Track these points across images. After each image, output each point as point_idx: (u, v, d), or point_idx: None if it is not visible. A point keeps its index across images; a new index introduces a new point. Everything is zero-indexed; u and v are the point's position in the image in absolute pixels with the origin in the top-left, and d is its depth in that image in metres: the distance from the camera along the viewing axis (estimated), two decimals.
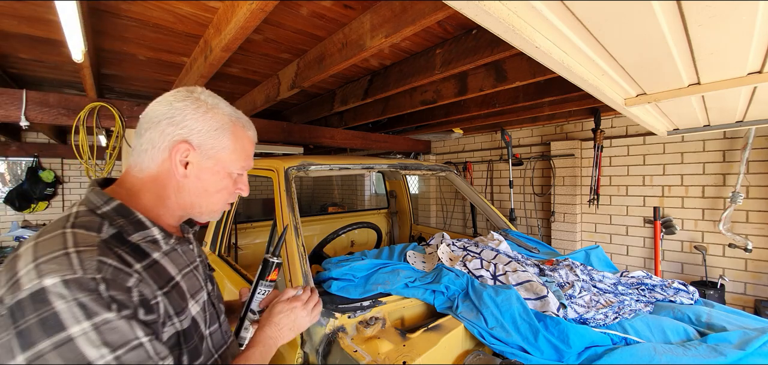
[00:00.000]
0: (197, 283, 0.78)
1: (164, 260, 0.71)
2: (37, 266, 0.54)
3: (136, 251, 0.66)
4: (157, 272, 0.67)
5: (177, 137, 0.71)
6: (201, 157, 0.74)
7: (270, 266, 0.98)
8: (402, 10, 1.66)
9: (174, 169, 0.72)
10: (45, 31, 2.12)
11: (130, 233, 0.68)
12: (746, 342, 1.24)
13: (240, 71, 2.86)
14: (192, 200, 0.77)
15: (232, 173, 0.79)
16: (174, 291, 0.69)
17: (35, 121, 2.45)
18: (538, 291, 1.50)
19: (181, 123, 0.72)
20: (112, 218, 0.67)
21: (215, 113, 0.75)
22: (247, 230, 3.06)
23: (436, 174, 2.67)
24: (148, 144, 0.72)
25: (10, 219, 5.22)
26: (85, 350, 0.52)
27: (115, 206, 0.68)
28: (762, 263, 2.79)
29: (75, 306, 0.53)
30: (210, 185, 0.77)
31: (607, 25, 0.87)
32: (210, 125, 0.74)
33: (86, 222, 0.64)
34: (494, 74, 2.56)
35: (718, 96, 1.47)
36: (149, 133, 0.72)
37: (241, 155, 0.80)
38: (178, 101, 0.73)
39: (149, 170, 0.73)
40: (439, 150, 5.40)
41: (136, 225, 0.69)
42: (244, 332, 0.97)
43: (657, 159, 3.27)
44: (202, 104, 0.74)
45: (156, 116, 0.72)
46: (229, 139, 0.77)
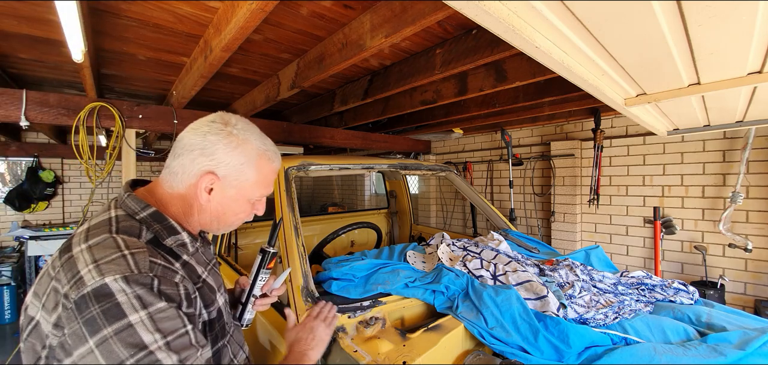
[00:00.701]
0: (219, 278, 0.89)
1: (192, 261, 0.81)
2: (98, 266, 0.63)
3: (171, 253, 0.76)
4: (189, 271, 0.77)
5: (206, 168, 0.78)
6: (225, 186, 0.81)
7: (269, 256, 1.09)
8: (402, 10, 1.66)
9: (198, 194, 0.80)
10: (45, 31, 2.11)
11: (164, 237, 0.77)
12: (746, 342, 1.24)
13: (240, 71, 2.86)
14: (210, 219, 0.85)
15: (250, 199, 0.86)
16: (204, 287, 0.80)
17: (35, 121, 2.45)
18: (538, 291, 1.50)
19: (212, 155, 0.78)
20: (149, 223, 0.76)
21: (244, 148, 0.81)
22: (247, 230, 3.06)
23: (436, 174, 2.67)
24: (180, 168, 0.80)
25: (10, 219, 5.22)
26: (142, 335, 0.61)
27: (151, 213, 0.77)
28: (762, 263, 2.79)
29: (133, 298, 0.62)
30: (229, 210, 0.85)
31: (607, 25, 0.87)
32: (238, 160, 0.80)
33: (128, 227, 0.72)
34: (494, 74, 2.56)
35: (718, 96, 1.47)
36: (182, 158, 0.79)
37: (263, 185, 0.86)
38: (212, 134, 0.79)
39: (178, 190, 0.81)
40: (439, 150, 5.40)
41: (170, 231, 0.78)
42: (248, 314, 1.09)
43: (657, 159, 3.27)
44: (234, 138, 0.80)
45: (191, 144, 0.79)
46: (253, 172, 0.82)
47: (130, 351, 0.59)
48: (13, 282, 4.28)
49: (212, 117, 0.82)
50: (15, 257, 4.57)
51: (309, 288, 1.44)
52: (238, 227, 0.92)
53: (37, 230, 4.74)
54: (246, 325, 1.09)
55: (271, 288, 1.13)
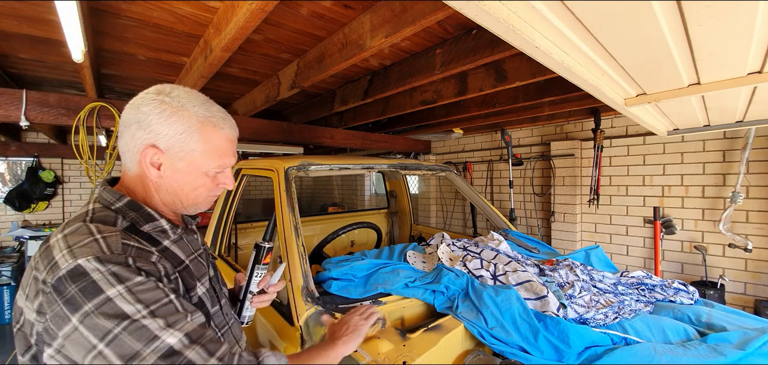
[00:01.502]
0: (202, 267, 0.86)
1: (174, 247, 0.79)
2: (71, 250, 0.63)
3: (149, 239, 0.74)
4: (169, 257, 0.76)
5: (145, 141, 0.74)
6: (172, 159, 0.76)
7: (263, 251, 1.07)
8: (402, 10, 1.66)
9: (147, 171, 0.76)
10: (45, 31, 2.11)
11: (141, 224, 0.75)
12: (746, 342, 1.24)
13: (240, 71, 2.86)
14: (171, 197, 0.81)
15: (207, 172, 0.81)
16: (185, 272, 0.77)
17: (35, 121, 2.45)
18: (538, 291, 1.50)
19: (147, 127, 0.73)
20: (124, 212, 0.75)
21: (181, 115, 0.75)
22: (247, 230, 3.06)
23: (436, 174, 2.67)
24: (125, 147, 0.77)
25: (10, 219, 5.22)
26: (123, 306, 0.60)
27: (126, 202, 0.76)
28: (762, 263, 2.79)
29: (109, 275, 0.61)
30: (185, 185, 0.80)
31: (607, 26, 0.87)
32: (176, 129, 0.74)
33: (103, 217, 0.72)
34: (494, 74, 2.56)
35: (718, 96, 1.47)
36: (123, 137, 0.76)
37: (215, 154, 0.80)
38: (145, 105, 0.74)
39: (133, 171, 0.79)
40: (439, 150, 5.40)
41: (147, 217, 0.77)
42: (247, 311, 1.08)
43: (657, 159, 3.27)
44: (167, 106, 0.74)
45: (127, 120, 0.75)
46: (198, 141, 0.77)
47: (114, 321, 0.58)
48: (13, 282, 4.28)
49: (148, 89, 0.78)
50: (15, 257, 4.57)
51: (309, 288, 1.44)
52: (210, 203, 0.88)
53: (37, 230, 4.74)
54: (246, 322, 1.08)
55: (268, 284, 1.10)
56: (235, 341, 0.93)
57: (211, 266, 0.95)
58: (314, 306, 1.38)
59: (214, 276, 0.95)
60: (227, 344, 0.69)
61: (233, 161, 0.85)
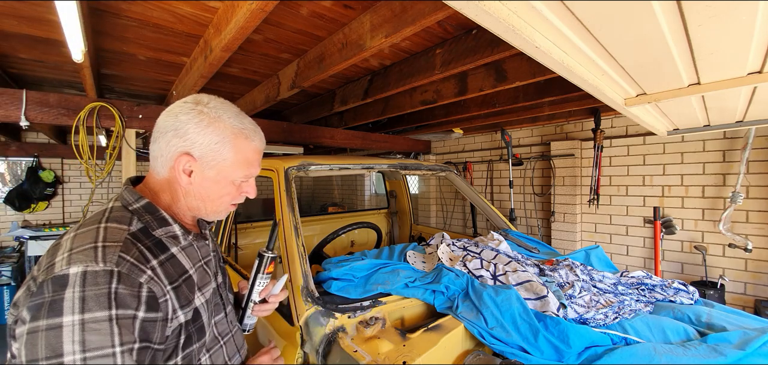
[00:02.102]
0: (207, 276, 0.86)
1: (181, 255, 0.79)
2: (70, 255, 0.64)
3: (157, 245, 0.75)
4: (173, 265, 0.75)
5: (180, 149, 0.77)
6: (203, 167, 0.79)
7: (266, 260, 1.05)
8: (402, 10, 1.66)
9: (179, 177, 0.79)
10: (45, 31, 2.11)
11: (154, 228, 0.76)
12: (746, 342, 1.24)
13: (240, 71, 2.86)
14: (197, 203, 0.83)
15: (234, 181, 0.84)
16: (184, 285, 0.76)
17: (35, 121, 2.45)
18: (538, 291, 1.50)
19: (184, 136, 0.77)
20: (141, 214, 0.77)
21: (217, 126, 0.78)
22: (247, 230, 3.06)
23: (436, 174, 2.67)
24: (158, 153, 0.79)
25: (10, 219, 5.22)
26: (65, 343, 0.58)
27: (144, 204, 0.78)
28: (762, 263, 2.79)
29: (78, 299, 0.60)
30: (213, 193, 0.83)
31: (607, 26, 0.87)
32: (211, 139, 0.78)
33: (119, 217, 0.74)
34: (494, 74, 2.56)
35: (718, 96, 1.47)
36: (158, 143, 0.79)
37: (243, 164, 0.83)
38: (183, 114, 0.77)
39: (163, 175, 0.81)
40: (439, 150, 5.40)
41: (160, 221, 0.78)
42: (248, 319, 1.07)
43: (657, 159, 3.27)
44: (205, 116, 0.78)
45: (164, 127, 0.78)
46: (231, 151, 0.80)
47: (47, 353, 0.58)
48: (13, 282, 4.28)
49: (186, 98, 0.81)
50: (15, 257, 4.57)
51: (309, 288, 1.44)
52: (229, 211, 0.90)
53: (37, 230, 4.74)
54: (247, 330, 1.07)
55: (269, 293, 1.08)
56: (236, 350, 0.94)
57: (220, 272, 0.95)
58: (314, 306, 1.38)
59: (222, 283, 0.95)
60: None
61: (258, 171, 0.89)
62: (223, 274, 0.99)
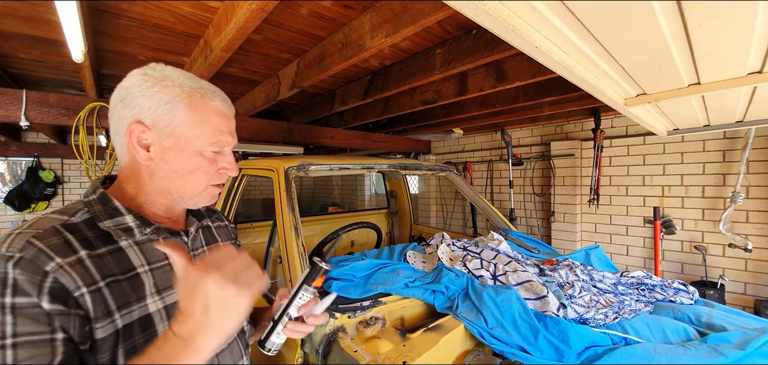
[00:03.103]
0: (172, 279, 0.72)
1: (131, 250, 0.69)
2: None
3: (100, 238, 0.66)
4: (116, 260, 0.66)
5: (129, 118, 0.68)
6: (159, 136, 0.69)
7: (318, 272, 0.86)
8: (402, 10, 1.66)
9: (134, 152, 0.69)
10: (45, 31, 2.11)
11: (102, 219, 0.68)
12: (746, 342, 1.24)
13: (240, 71, 2.86)
14: (166, 184, 0.72)
15: (202, 151, 0.72)
16: (126, 282, 0.66)
17: (35, 121, 2.45)
18: (538, 291, 1.50)
19: (131, 103, 0.68)
20: (92, 204, 0.69)
21: (164, 86, 0.68)
22: (247, 230, 3.06)
23: (436, 174, 2.67)
24: (114, 133, 0.71)
25: (10, 219, 5.22)
26: None
27: (98, 195, 0.71)
28: (762, 263, 2.79)
29: None
30: (178, 167, 0.71)
31: (607, 26, 0.87)
32: (159, 98, 0.68)
33: (68, 207, 0.69)
34: (494, 74, 2.56)
35: (718, 96, 1.47)
36: (112, 121, 0.71)
37: (206, 129, 0.71)
38: (127, 81, 0.69)
39: (124, 159, 0.73)
40: (439, 150, 5.40)
41: (111, 212, 0.69)
42: (276, 337, 0.85)
43: (657, 159, 3.27)
44: (149, 78, 0.68)
45: (113, 102, 0.70)
46: (186, 112, 0.69)
47: None
48: None
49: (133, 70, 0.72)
50: None
51: None
52: (212, 195, 0.77)
53: None
54: (271, 351, 0.86)
55: (309, 311, 0.87)
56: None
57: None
58: None
59: None
60: None
61: (232, 141, 0.76)
62: None
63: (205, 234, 0.87)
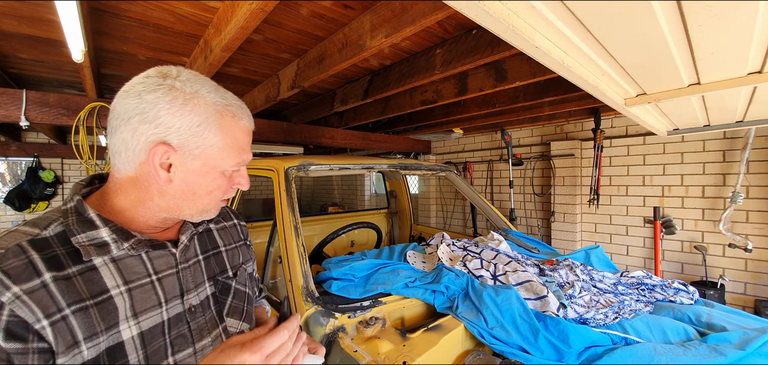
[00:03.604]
0: (152, 298, 0.65)
1: (105, 269, 0.61)
2: None
3: (71, 255, 0.59)
4: (86, 281, 0.58)
5: (152, 138, 0.60)
6: (185, 158, 0.63)
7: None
8: (402, 10, 1.66)
9: (154, 174, 0.62)
10: (45, 31, 2.11)
11: (75, 233, 0.60)
12: (746, 342, 1.24)
13: (240, 71, 2.86)
14: (178, 203, 0.66)
15: (225, 171, 0.68)
16: (95, 308, 0.58)
17: (35, 121, 2.45)
18: (538, 291, 1.50)
19: (155, 120, 0.60)
20: (68, 214, 0.62)
21: (196, 104, 0.62)
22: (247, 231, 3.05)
23: (436, 174, 2.67)
24: (121, 146, 0.62)
25: (10, 219, 5.22)
26: None
27: (75, 203, 0.63)
28: (762, 263, 2.79)
29: None
30: (200, 189, 0.66)
31: (607, 25, 0.87)
32: (190, 121, 0.61)
33: (42, 218, 0.62)
34: (494, 74, 2.56)
35: (718, 96, 1.47)
36: (120, 133, 0.61)
37: (234, 150, 0.67)
38: (149, 92, 0.60)
39: (127, 172, 0.64)
40: (439, 150, 5.40)
41: (85, 225, 0.61)
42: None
43: (657, 159, 3.27)
44: (179, 93, 0.61)
45: (125, 111, 0.60)
46: (218, 134, 0.64)
47: None
48: None
49: (147, 72, 0.63)
50: None
51: (309, 288, 1.44)
52: (219, 208, 0.73)
53: None
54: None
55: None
56: None
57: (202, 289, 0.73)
58: (314, 306, 1.38)
59: (198, 305, 0.71)
60: None
61: (250, 156, 0.72)
62: (223, 291, 0.77)
63: (201, 241, 0.78)
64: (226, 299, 0.78)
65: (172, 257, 0.70)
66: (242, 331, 0.79)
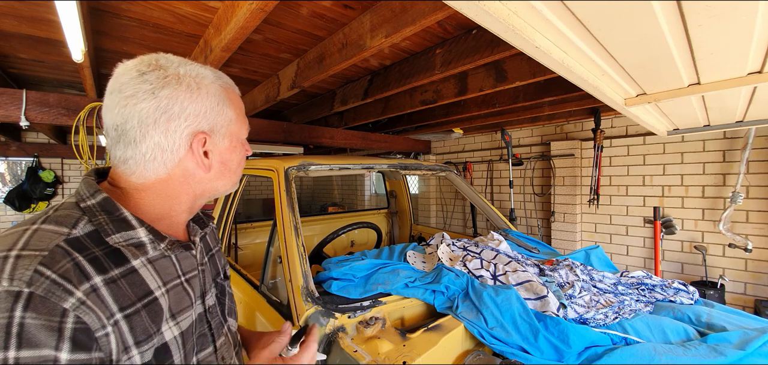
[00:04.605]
0: (186, 299, 0.65)
1: (145, 270, 0.59)
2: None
3: (110, 256, 0.55)
4: (131, 284, 0.56)
5: (187, 131, 0.61)
6: (217, 139, 0.67)
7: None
8: (402, 10, 1.66)
9: (199, 163, 0.64)
10: (45, 31, 2.11)
11: (109, 232, 0.57)
12: (746, 342, 1.24)
13: (240, 71, 2.86)
14: (214, 185, 0.69)
15: (242, 139, 0.73)
16: (145, 311, 0.57)
17: (35, 121, 2.45)
18: (538, 291, 1.50)
19: (183, 113, 0.61)
20: (94, 212, 0.58)
21: (206, 87, 0.64)
22: (247, 230, 3.06)
23: (436, 174, 2.67)
24: (156, 151, 0.60)
25: (10, 219, 5.22)
26: None
27: (100, 200, 0.59)
28: (762, 263, 2.79)
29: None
30: (232, 163, 0.71)
31: (607, 26, 0.87)
32: (209, 103, 0.64)
33: (63, 216, 0.55)
34: (494, 74, 2.56)
35: (718, 96, 1.47)
36: (151, 138, 0.59)
37: (243, 117, 0.73)
38: (161, 88, 0.59)
39: (157, 175, 0.62)
40: (439, 150, 5.40)
41: (120, 224, 0.58)
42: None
43: (657, 159, 3.27)
44: (190, 80, 0.62)
45: (147, 115, 0.59)
46: (230, 108, 0.68)
47: None
48: None
49: (137, 68, 0.61)
50: None
51: (309, 288, 1.44)
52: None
53: None
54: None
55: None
56: None
57: (213, 291, 0.75)
58: (314, 306, 1.38)
59: (213, 305, 0.74)
60: None
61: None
62: (221, 292, 0.79)
63: (204, 243, 0.79)
64: (225, 300, 0.80)
65: (194, 258, 0.71)
66: (236, 332, 0.82)
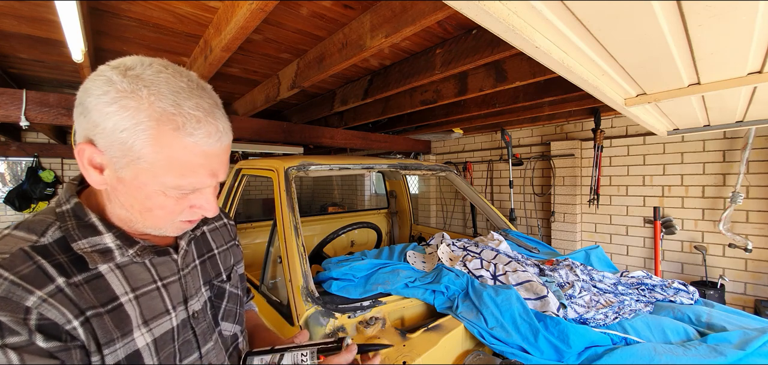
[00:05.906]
0: (160, 305, 0.62)
1: (112, 276, 0.58)
2: None
3: (75, 263, 0.55)
4: (94, 289, 0.55)
5: (81, 133, 0.54)
6: (114, 164, 0.54)
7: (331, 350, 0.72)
8: (402, 10, 1.66)
9: (85, 172, 0.56)
10: (45, 31, 2.11)
11: (75, 238, 0.56)
12: (746, 342, 1.24)
13: (240, 71, 2.86)
14: (126, 213, 0.59)
15: (165, 191, 0.56)
16: (108, 316, 0.55)
17: (35, 121, 2.45)
18: (538, 291, 1.50)
19: (88, 114, 0.52)
20: (66, 218, 0.57)
21: (124, 106, 0.50)
22: (247, 230, 3.06)
23: (436, 174, 2.67)
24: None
25: (10, 219, 5.22)
26: None
27: (73, 205, 0.58)
28: (762, 263, 2.79)
29: None
30: (135, 202, 0.57)
31: (607, 26, 0.87)
32: (114, 124, 0.51)
33: (34, 223, 0.56)
34: (494, 74, 2.56)
35: (718, 96, 1.47)
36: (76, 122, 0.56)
37: (175, 171, 0.54)
38: (90, 81, 0.53)
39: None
40: (439, 150, 5.40)
41: (86, 231, 0.57)
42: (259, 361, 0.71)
43: (657, 159, 3.27)
44: (112, 88, 0.51)
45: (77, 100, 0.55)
46: (147, 147, 0.52)
47: None
48: None
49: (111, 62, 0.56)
50: None
51: (309, 288, 1.44)
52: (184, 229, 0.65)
53: None
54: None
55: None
56: None
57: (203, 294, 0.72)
58: (314, 306, 1.38)
59: (201, 310, 0.70)
60: None
61: (210, 182, 0.60)
62: (217, 295, 0.75)
63: (197, 245, 0.75)
64: (221, 303, 0.76)
65: (174, 263, 0.67)
66: (235, 334, 0.78)
